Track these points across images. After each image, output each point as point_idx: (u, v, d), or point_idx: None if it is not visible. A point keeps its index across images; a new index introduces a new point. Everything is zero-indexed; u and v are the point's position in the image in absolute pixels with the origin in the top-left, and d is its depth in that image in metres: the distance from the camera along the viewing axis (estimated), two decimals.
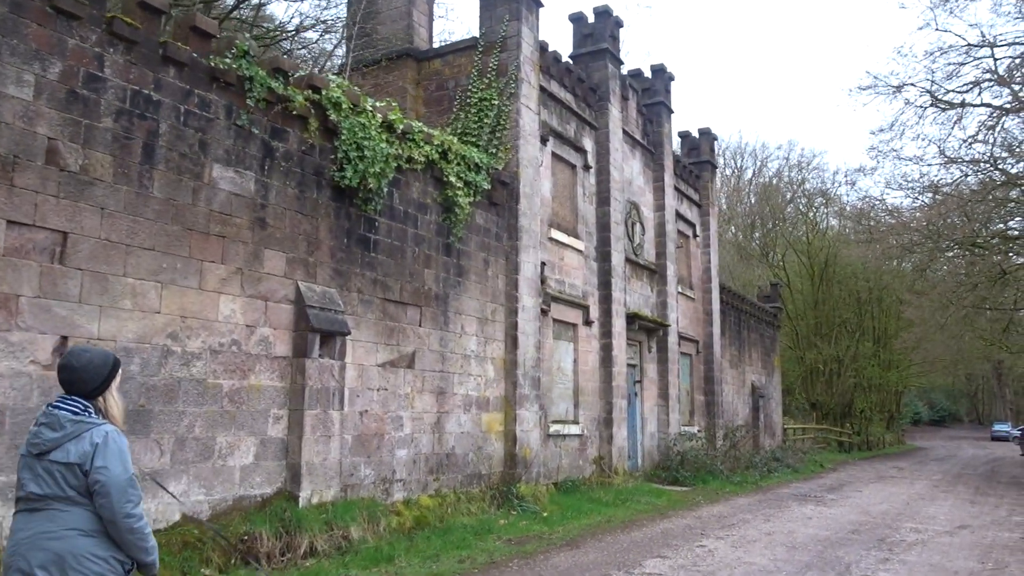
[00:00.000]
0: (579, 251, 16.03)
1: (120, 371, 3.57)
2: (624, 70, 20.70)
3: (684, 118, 61.59)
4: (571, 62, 17.20)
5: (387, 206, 10.71)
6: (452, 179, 11.71)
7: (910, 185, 29.59)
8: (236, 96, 8.51)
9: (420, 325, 11.18)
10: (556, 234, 15.16)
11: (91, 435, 3.28)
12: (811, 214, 44.97)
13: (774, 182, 48.17)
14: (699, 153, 23.91)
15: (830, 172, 72.90)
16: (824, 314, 40.51)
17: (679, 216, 21.62)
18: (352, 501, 9.51)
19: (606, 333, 16.54)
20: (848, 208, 40.83)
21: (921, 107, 25.85)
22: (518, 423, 12.95)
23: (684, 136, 24.49)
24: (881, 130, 34.37)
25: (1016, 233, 26.02)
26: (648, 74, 20.77)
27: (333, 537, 8.72)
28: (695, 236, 22.90)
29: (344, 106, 9.70)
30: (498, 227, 13.28)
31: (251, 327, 8.54)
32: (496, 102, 13.83)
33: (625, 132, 18.63)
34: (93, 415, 3.37)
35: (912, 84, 26.75)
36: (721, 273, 44.86)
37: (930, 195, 26.99)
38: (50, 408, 3.36)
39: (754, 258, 45.65)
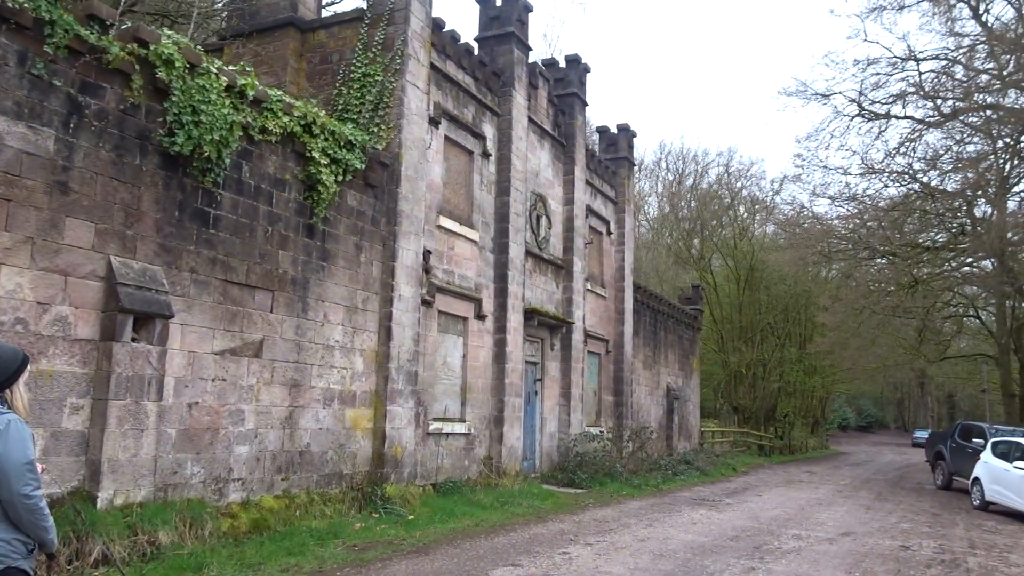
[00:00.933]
0: (473, 241, 15.28)
1: (28, 367, 3.78)
2: (538, 59, 20.07)
3: (621, 119, 61.49)
4: (474, 44, 16.45)
5: (234, 179, 9.77)
6: (316, 155, 10.83)
7: (832, 194, 29.74)
8: (32, 41, 7.51)
9: (272, 311, 10.28)
10: (446, 222, 14.38)
11: None
12: (742, 219, 45.19)
13: (713, 188, 48.24)
14: (617, 149, 23.41)
15: (768, 180, 73.80)
16: (749, 318, 40.62)
17: (591, 212, 21.06)
18: (171, 503, 8.57)
19: (500, 328, 15.82)
20: (776, 214, 41.04)
21: (848, 116, 25.96)
22: (388, 420, 12.12)
23: (602, 131, 23.99)
24: (807, 137, 34.48)
25: (929, 243, 26.25)
26: (563, 64, 20.14)
27: (137, 543, 7.77)
28: (609, 233, 22.38)
29: (178, 64, 8.74)
30: (375, 210, 12.44)
31: (44, 305, 7.54)
32: (380, 78, 12.98)
33: (533, 121, 17.95)
34: (2, 407, 3.57)
35: (840, 93, 26.84)
36: (653, 276, 44.94)
37: (852, 204, 27.11)
38: None
39: (690, 263, 45.59)
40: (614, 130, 23.74)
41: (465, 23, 69.78)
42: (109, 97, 8.25)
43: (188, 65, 8.93)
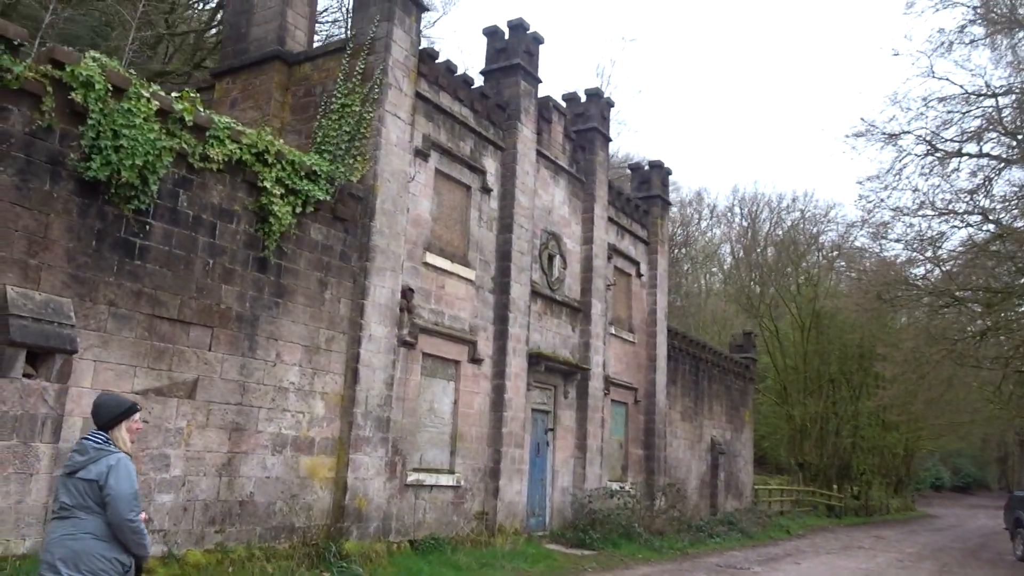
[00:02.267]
0: (468, 280, 14.43)
1: (137, 414, 4.66)
2: (559, 94, 19.35)
3: (679, 161, 60.17)
4: (478, 77, 15.87)
5: (167, 208, 9.24)
6: (268, 185, 10.25)
7: (896, 237, 27.71)
8: None
9: (210, 349, 9.62)
10: (435, 259, 13.60)
11: (107, 459, 4.32)
12: (818, 266, 42.64)
13: (790, 234, 46.05)
14: (649, 187, 22.33)
15: (844, 224, 70.56)
16: (814, 368, 38.19)
17: (616, 252, 19.97)
18: None
19: (500, 373, 14.82)
20: (842, 258, 38.77)
21: (916, 155, 24.24)
22: (352, 469, 11.24)
23: (635, 168, 22.99)
24: (871, 178, 32.46)
25: (1004, 287, 23.96)
26: (583, 98, 19.35)
27: None
28: (639, 275, 21.19)
29: (98, 87, 8.31)
30: (345, 245, 11.76)
31: None
32: (357, 108, 12.45)
33: (544, 156, 17.15)
34: (110, 445, 4.40)
35: (909, 132, 25.13)
36: (712, 326, 42.91)
37: (919, 246, 25.15)
38: (82, 440, 4.45)
39: (752, 310, 43.45)
40: (647, 167, 22.70)
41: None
42: (14, 120, 7.84)
43: (111, 88, 8.49)
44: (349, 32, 13.09)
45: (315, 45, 14.82)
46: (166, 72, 18.99)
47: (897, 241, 25.84)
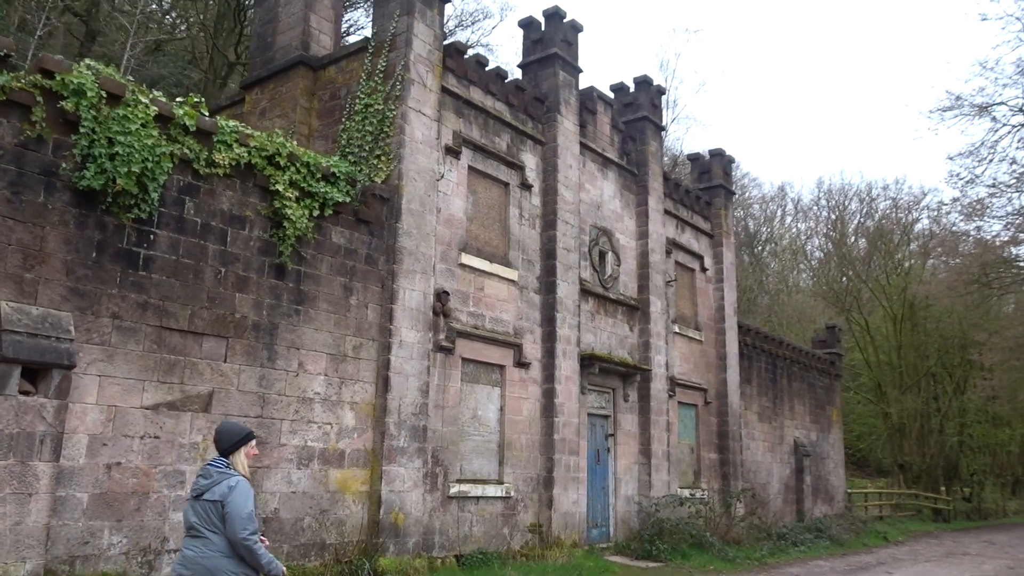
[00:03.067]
0: (510, 281, 13.79)
1: (253, 440, 5.00)
2: (607, 85, 18.62)
3: (761, 156, 57.95)
4: (516, 71, 15.27)
5: (172, 217, 8.97)
6: (281, 188, 9.89)
7: (995, 215, 25.61)
8: None
9: (225, 360, 9.28)
10: (472, 260, 13.02)
11: (227, 482, 4.68)
12: (913, 255, 39.93)
13: (882, 223, 43.43)
14: (711, 177, 21.21)
15: (937, 204, 66.44)
16: (910, 363, 35.74)
17: (676, 246, 18.96)
18: None
19: (549, 377, 14.09)
20: (938, 243, 36.27)
21: (1013, 127, 22.34)
22: (386, 482, 10.72)
23: (693, 159, 21.90)
24: (960, 155, 30.12)
25: None
26: (632, 88, 18.49)
27: None
28: (703, 269, 20.08)
29: (91, 95, 8.09)
30: (371, 248, 11.32)
31: None
32: (380, 107, 12.03)
33: (589, 148, 16.38)
34: (230, 469, 4.78)
35: (1002, 103, 23.21)
36: (797, 325, 40.70)
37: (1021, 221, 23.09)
38: (206, 465, 4.82)
39: (838, 303, 41.06)
40: (707, 156, 21.59)
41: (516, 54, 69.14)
42: (4, 131, 7.68)
43: (106, 95, 8.27)
44: (372, 30, 12.69)
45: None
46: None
47: (996, 219, 23.89)
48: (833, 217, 47.25)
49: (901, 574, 15.29)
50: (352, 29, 24.41)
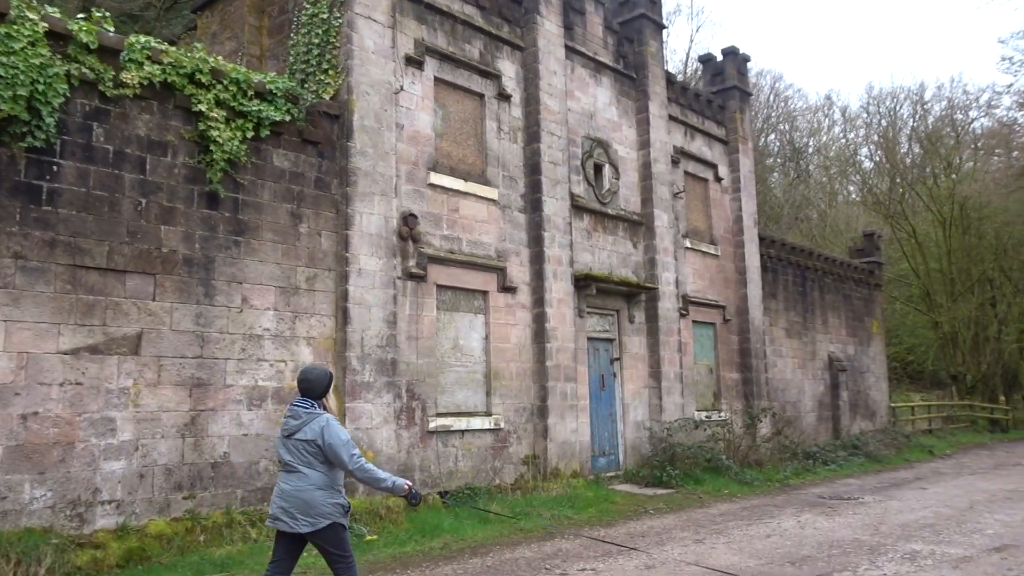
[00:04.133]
0: (490, 200, 12.82)
1: (333, 381, 5.45)
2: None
3: (804, 64, 54.61)
4: None
5: (79, 145, 8.21)
6: (204, 108, 9.04)
7: None
8: None
9: (154, 299, 8.61)
10: (442, 179, 12.07)
11: (318, 420, 5.11)
12: (973, 158, 37.16)
13: (938, 127, 40.46)
14: (724, 79, 19.64)
15: (993, 102, 62.10)
16: (962, 268, 33.73)
17: (685, 155, 17.64)
18: None
19: (539, 301, 13.20)
20: (988, 137, 33.78)
21: None
22: (350, 419, 10.08)
23: (705, 60, 20.29)
24: (1013, 36, 27.68)
25: None
26: None
27: None
28: (718, 179, 18.73)
29: None
30: (320, 171, 10.45)
31: None
32: (326, 15, 10.99)
33: (577, 52, 15.08)
34: (318, 409, 5.21)
35: None
36: (846, 232, 38.60)
37: None
38: (292, 406, 5.25)
39: (880, 210, 38.80)
40: (719, 57, 19.97)
41: None
42: None
43: None
44: None
45: None
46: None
47: None
48: (884, 124, 44.51)
49: (936, 489, 14.27)
50: None
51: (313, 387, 5.24)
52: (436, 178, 11.98)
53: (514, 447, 12.61)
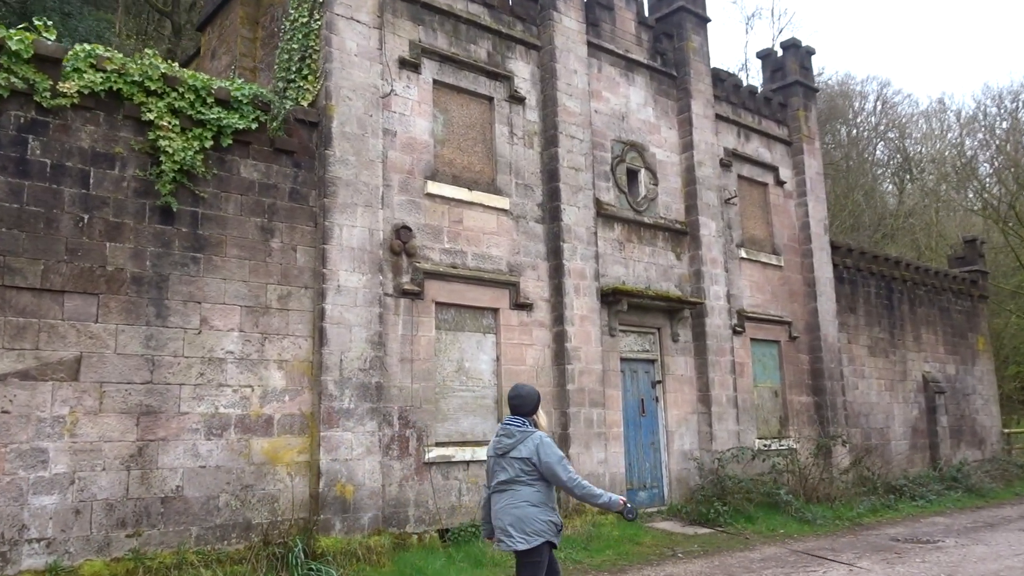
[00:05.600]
0: (500, 210, 11.82)
1: (541, 399, 5.52)
2: None
3: (914, 68, 51.11)
4: None
5: (11, 159, 7.76)
6: (154, 117, 8.48)
7: None
8: None
9: (97, 320, 8.02)
10: (442, 188, 11.16)
11: (531, 439, 5.17)
12: None
13: None
14: (785, 74, 18.01)
15: None
16: None
17: (739, 157, 16.12)
18: None
19: (559, 319, 12.04)
20: None
21: None
22: (325, 449, 9.19)
23: (764, 56, 18.69)
24: None
25: None
26: None
27: None
28: (779, 183, 17.06)
29: None
30: (296, 182, 9.73)
31: None
32: (306, 19, 10.37)
33: (605, 50, 13.96)
34: (529, 427, 5.26)
35: None
36: (945, 240, 35.35)
37: None
38: (504, 425, 5.31)
39: (1000, 212, 35.22)
40: (779, 51, 18.36)
41: None
42: None
43: None
44: None
45: None
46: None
47: None
48: (1005, 125, 40.80)
49: None
50: None
51: (525, 404, 5.31)
52: (435, 187, 11.08)
53: None
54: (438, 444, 10.51)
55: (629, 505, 5.22)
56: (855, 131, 44.94)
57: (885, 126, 45.39)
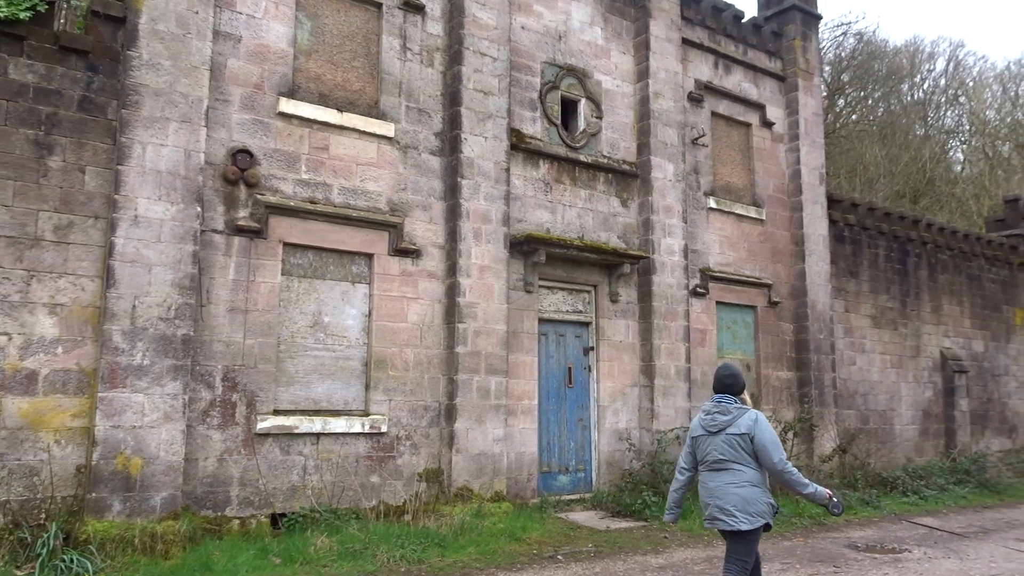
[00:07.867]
0: (382, 137, 9.91)
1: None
2: None
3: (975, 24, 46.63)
4: None
5: None
6: None
7: None
8: None
9: None
10: (301, 108, 9.30)
11: (749, 415, 5.04)
12: None
13: None
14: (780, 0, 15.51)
15: None
16: None
17: (714, 91, 13.80)
18: None
19: (452, 269, 10.12)
20: None
21: None
22: (105, 414, 7.53)
23: None
24: None
25: None
26: None
27: None
28: (766, 123, 14.66)
29: None
30: (90, 90, 8.00)
31: None
32: None
33: None
34: (741, 404, 5.12)
35: None
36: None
37: None
38: (717, 403, 5.17)
39: None
40: None
41: None
42: None
43: None
44: None
45: None
46: None
47: None
48: None
49: None
50: None
51: (737, 382, 5.19)
52: (291, 106, 9.22)
53: (406, 458, 9.61)
54: (277, 412, 8.78)
55: (835, 499, 5.00)
56: (918, 92, 41.38)
57: (956, 89, 41.73)
